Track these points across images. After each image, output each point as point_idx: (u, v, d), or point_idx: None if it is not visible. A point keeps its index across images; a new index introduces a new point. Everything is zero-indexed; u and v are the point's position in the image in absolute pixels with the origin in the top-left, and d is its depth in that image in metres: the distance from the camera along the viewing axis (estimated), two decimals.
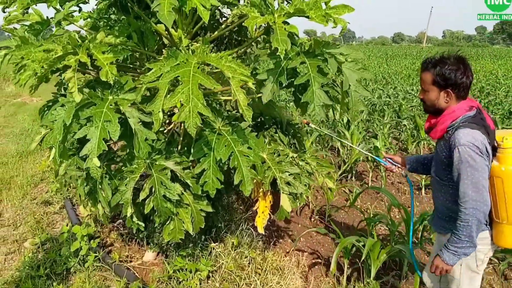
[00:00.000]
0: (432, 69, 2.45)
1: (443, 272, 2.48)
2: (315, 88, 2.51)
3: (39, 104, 13.13)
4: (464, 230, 2.33)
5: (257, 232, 4.29)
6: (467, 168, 2.31)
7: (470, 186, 2.31)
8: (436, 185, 2.67)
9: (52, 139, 2.44)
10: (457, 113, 2.44)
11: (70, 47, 2.53)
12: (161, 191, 2.70)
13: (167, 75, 2.25)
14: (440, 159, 2.54)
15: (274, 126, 3.61)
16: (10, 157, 7.71)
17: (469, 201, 2.30)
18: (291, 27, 2.48)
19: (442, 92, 2.45)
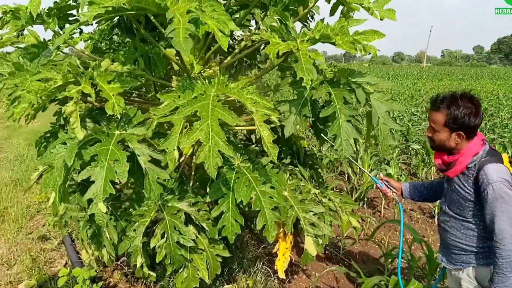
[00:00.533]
0: (444, 110, 2.40)
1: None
2: (341, 121, 2.28)
3: (35, 127, 12.81)
4: (507, 266, 2.28)
5: (272, 269, 4.02)
6: (502, 204, 2.28)
7: (507, 222, 2.28)
8: (452, 223, 2.60)
9: (52, 182, 2.15)
10: (475, 150, 2.43)
11: (71, 76, 2.27)
12: (175, 237, 2.41)
13: (184, 110, 1.98)
14: (461, 196, 2.48)
15: (291, 157, 3.35)
16: (4, 185, 7.35)
17: (508, 237, 2.27)
18: (317, 55, 2.22)
19: (453, 134, 2.42)
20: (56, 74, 2.31)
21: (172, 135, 2.03)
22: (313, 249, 2.64)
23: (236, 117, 1.95)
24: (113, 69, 2.34)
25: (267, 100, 2.10)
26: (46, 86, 2.21)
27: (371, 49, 2.21)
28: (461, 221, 2.53)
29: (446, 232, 2.65)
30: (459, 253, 2.58)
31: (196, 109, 1.98)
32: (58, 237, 5.31)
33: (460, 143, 2.44)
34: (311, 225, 2.64)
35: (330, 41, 2.27)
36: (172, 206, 2.49)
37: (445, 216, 2.64)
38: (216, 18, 2.03)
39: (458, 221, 2.55)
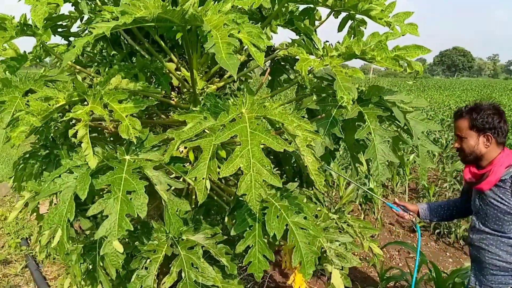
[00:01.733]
0: (467, 115, 2.46)
1: None
2: (377, 142, 2.07)
3: None
4: None
5: None
6: None
7: None
8: (490, 240, 2.50)
9: (57, 217, 1.83)
10: (508, 161, 2.41)
11: (76, 94, 1.97)
12: (192, 276, 2.13)
13: (221, 134, 1.73)
14: (500, 210, 2.42)
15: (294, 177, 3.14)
16: None
17: None
18: (355, 72, 2.02)
19: (481, 137, 2.43)
20: (58, 92, 2.00)
21: (201, 162, 1.78)
22: (341, 283, 2.41)
23: (283, 141, 1.72)
24: (124, 86, 2.05)
25: (306, 121, 1.88)
26: (47, 106, 1.90)
27: (417, 66, 2.03)
28: (500, 237, 2.46)
29: (483, 250, 2.54)
30: (497, 273, 2.49)
31: (235, 133, 1.73)
32: (21, 261, 4.87)
33: (490, 150, 2.43)
34: (337, 256, 2.43)
35: (366, 56, 2.08)
36: (187, 239, 2.21)
37: (480, 234, 2.55)
38: (248, 31, 1.80)
39: (497, 238, 2.47)
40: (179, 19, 1.81)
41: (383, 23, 2.33)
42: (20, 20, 2.15)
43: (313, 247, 2.06)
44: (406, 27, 2.30)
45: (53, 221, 1.85)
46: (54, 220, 1.85)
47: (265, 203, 2.13)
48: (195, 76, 2.52)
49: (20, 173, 2.86)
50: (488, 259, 2.51)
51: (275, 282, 4.45)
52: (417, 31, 2.33)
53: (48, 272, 4.66)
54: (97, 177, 1.88)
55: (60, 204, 1.86)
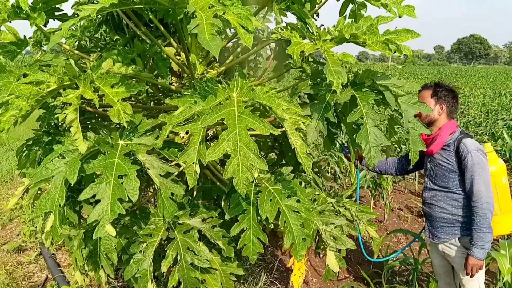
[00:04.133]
0: (432, 87, 2.99)
1: (478, 269, 2.74)
2: (369, 126, 2.04)
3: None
4: (484, 222, 2.69)
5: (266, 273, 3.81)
6: (479, 169, 2.72)
7: (482, 184, 2.71)
8: (439, 197, 2.98)
9: (50, 203, 1.86)
10: (451, 129, 2.90)
11: (67, 78, 1.98)
12: (188, 259, 2.15)
13: (208, 117, 1.73)
14: (445, 169, 2.90)
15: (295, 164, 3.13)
16: None
17: (483, 197, 2.69)
18: (346, 56, 1.99)
19: (437, 105, 2.92)
20: (49, 76, 2.01)
21: (190, 146, 1.78)
22: (335, 265, 2.42)
23: (270, 125, 1.71)
24: (116, 71, 2.05)
25: (296, 105, 1.87)
26: (38, 90, 1.92)
27: (406, 50, 2.00)
28: (447, 192, 2.93)
29: (433, 206, 3.02)
30: (445, 225, 2.96)
31: (222, 116, 1.73)
32: (36, 249, 4.95)
33: (441, 118, 2.92)
34: (333, 239, 2.43)
35: (358, 40, 2.06)
36: (184, 223, 2.23)
37: (431, 192, 3.03)
38: (237, 13, 1.78)
39: (444, 193, 2.95)
40: (167, 1, 1.81)
41: (379, 5, 2.31)
42: (14, 3, 2.14)
43: (305, 229, 2.05)
44: (403, 9, 2.27)
45: (46, 207, 1.87)
46: (47, 206, 1.87)
47: (259, 187, 2.13)
48: (194, 61, 2.53)
49: (24, 160, 2.89)
50: (438, 213, 2.98)
51: (285, 266, 4.46)
52: (414, 13, 2.30)
53: (62, 259, 4.73)
54: (89, 162, 1.89)
55: (52, 189, 1.88)
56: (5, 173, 7.86)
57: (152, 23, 2.80)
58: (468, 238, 2.84)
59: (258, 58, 3.83)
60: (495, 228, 2.78)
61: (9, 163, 8.42)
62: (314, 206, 2.48)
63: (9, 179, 7.63)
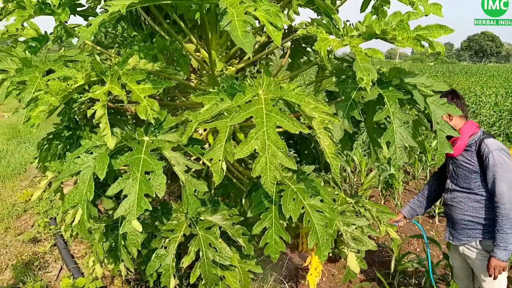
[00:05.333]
0: None
1: (501, 271, 2.73)
2: (395, 126, 2.03)
3: (12, 121, 12.30)
4: (506, 223, 2.66)
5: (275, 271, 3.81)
6: (500, 169, 2.70)
7: (505, 185, 2.69)
8: (460, 198, 2.96)
9: (78, 197, 1.87)
10: (471, 131, 2.89)
11: (94, 74, 1.99)
12: (210, 255, 2.16)
13: (237, 115, 1.73)
14: (467, 170, 2.88)
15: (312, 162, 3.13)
16: None
17: (506, 198, 2.67)
18: (375, 52, 1.98)
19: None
20: (76, 72, 2.02)
21: (217, 143, 1.78)
22: (356, 266, 2.42)
23: (299, 123, 1.71)
24: (142, 67, 2.06)
25: (323, 103, 1.86)
26: (66, 86, 1.93)
27: (439, 47, 1.98)
28: (468, 194, 2.91)
29: (454, 208, 2.99)
30: (466, 227, 2.94)
31: (251, 114, 1.73)
32: (50, 240, 4.99)
33: (455, 122, 2.89)
34: (354, 240, 2.42)
35: (387, 37, 2.04)
36: (205, 220, 2.24)
37: (453, 193, 3.01)
38: (265, 9, 1.78)
39: (465, 195, 2.93)
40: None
41: (406, 2, 2.29)
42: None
43: (329, 229, 2.05)
44: (430, 7, 2.23)
45: (74, 201, 1.88)
46: (75, 200, 1.89)
47: (282, 185, 2.13)
48: (214, 58, 2.53)
49: (45, 154, 2.91)
50: (458, 215, 2.96)
51: (294, 264, 4.47)
52: (441, 11, 2.26)
53: (75, 251, 4.76)
54: (116, 158, 1.91)
55: (80, 184, 1.89)
56: (18, 165, 7.92)
57: (168, 19, 2.80)
58: (489, 241, 2.81)
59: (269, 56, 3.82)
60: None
61: (21, 156, 8.48)
62: (335, 206, 2.48)
63: (22, 171, 7.70)
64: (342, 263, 4.57)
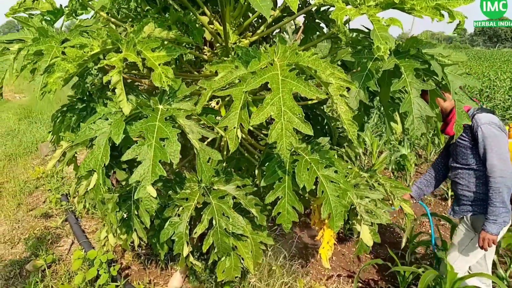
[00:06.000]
0: None
1: (491, 244, 2.76)
2: (413, 96, 2.00)
3: (22, 102, 12.40)
4: (497, 197, 2.70)
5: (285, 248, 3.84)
6: (491, 142, 2.73)
7: (496, 157, 2.71)
8: (461, 174, 3.00)
9: (93, 162, 1.88)
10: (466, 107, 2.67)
11: (110, 42, 1.99)
12: (223, 224, 2.17)
13: (252, 81, 1.72)
14: (463, 146, 2.92)
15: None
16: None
17: (497, 171, 2.70)
18: (393, 21, 1.96)
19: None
20: (92, 40, 2.02)
21: (232, 111, 1.78)
22: (369, 239, 2.42)
23: (316, 88, 1.70)
24: (157, 35, 2.06)
25: (340, 70, 1.85)
26: (82, 53, 1.94)
27: (459, 16, 1.94)
28: (467, 170, 2.95)
29: (457, 184, 3.05)
30: (466, 202, 3.00)
31: (266, 80, 1.72)
32: (62, 215, 5.04)
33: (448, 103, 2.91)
34: (367, 213, 2.42)
35: (404, 6, 2.01)
36: (219, 189, 2.25)
37: (455, 170, 3.07)
38: None
39: (464, 171, 2.97)
40: None
41: None
42: None
43: (342, 200, 2.05)
44: None
45: (89, 166, 1.90)
46: (90, 165, 1.90)
47: (296, 156, 2.13)
48: (227, 30, 2.51)
49: (58, 126, 2.93)
50: (460, 190, 3.02)
51: (304, 243, 4.48)
52: None
53: (86, 226, 4.81)
54: (131, 124, 1.91)
55: (95, 149, 1.90)
56: (30, 144, 7.99)
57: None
58: (479, 216, 2.90)
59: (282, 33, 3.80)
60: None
61: (33, 135, 8.54)
62: (348, 179, 2.47)
63: (34, 149, 7.76)
64: (353, 242, 4.58)
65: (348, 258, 4.33)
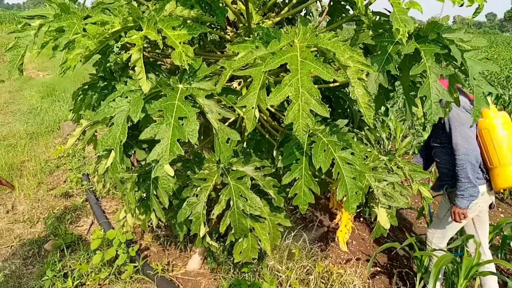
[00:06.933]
0: None
1: (461, 217, 2.96)
2: (431, 80, 1.98)
3: (46, 80, 12.52)
4: (462, 173, 2.89)
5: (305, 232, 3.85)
6: (454, 123, 2.90)
7: (459, 136, 2.88)
8: (438, 152, 3.19)
9: (111, 139, 1.90)
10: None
11: (131, 20, 1.99)
12: (240, 205, 2.18)
13: (271, 61, 1.72)
14: (437, 126, 3.12)
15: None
16: (19, 138, 7.12)
17: (461, 149, 2.87)
18: (413, 4, 1.94)
19: None
20: (114, 17, 2.03)
21: (251, 91, 1.77)
22: (386, 221, 2.41)
23: (333, 71, 1.69)
24: (178, 13, 2.06)
25: (359, 53, 1.83)
26: (103, 30, 1.94)
27: (478, 0, 1.92)
28: (442, 148, 3.13)
29: (436, 162, 3.26)
30: (442, 177, 3.22)
31: (286, 61, 1.71)
32: (82, 195, 5.11)
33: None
34: (384, 196, 2.41)
35: None
36: (237, 170, 2.26)
37: (433, 148, 3.25)
38: None
39: (440, 149, 3.15)
40: None
41: None
42: None
43: (358, 182, 2.05)
44: None
45: (107, 143, 1.91)
46: (108, 142, 1.91)
47: (313, 137, 2.13)
48: (250, 10, 2.50)
49: (79, 104, 2.95)
50: (438, 168, 3.25)
51: (324, 226, 4.49)
52: None
53: (107, 207, 4.87)
54: (150, 102, 1.92)
55: (113, 127, 1.92)
56: (52, 123, 8.06)
57: None
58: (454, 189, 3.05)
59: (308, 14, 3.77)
60: (495, 180, 2.99)
61: (55, 114, 8.62)
62: (366, 162, 2.46)
63: (56, 128, 7.83)
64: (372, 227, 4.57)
65: (368, 242, 4.33)
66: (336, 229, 4.37)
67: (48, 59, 2.51)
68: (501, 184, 2.98)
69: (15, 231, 4.33)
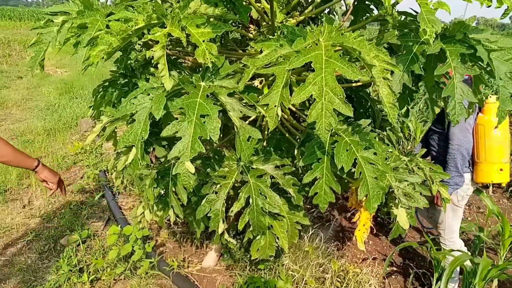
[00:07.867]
0: None
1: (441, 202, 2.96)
2: (456, 81, 1.96)
3: (64, 77, 12.62)
4: (451, 162, 3.07)
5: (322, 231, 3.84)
6: None
7: (457, 127, 3.02)
8: (434, 136, 3.32)
9: (133, 136, 1.91)
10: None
11: (155, 17, 2.00)
12: (259, 203, 2.17)
13: (295, 60, 1.71)
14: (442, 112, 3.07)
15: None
16: (36, 134, 7.20)
17: (455, 139, 3.04)
18: (441, 4, 1.91)
19: None
20: (137, 14, 2.04)
21: (274, 89, 1.77)
22: (406, 222, 2.39)
23: (359, 70, 1.68)
24: (203, 11, 2.07)
25: (385, 53, 1.82)
26: (127, 27, 1.95)
27: (507, 1, 1.89)
28: (439, 134, 3.26)
29: (431, 147, 3.38)
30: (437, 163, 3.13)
31: (310, 59, 1.71)
32: (99, 191, 5.14)
33: None
34: (405, 196, 2.39)
35: None
36: (257, 168, 2.25)
37: (433, 133, 3.36)
38: None
39: (437, 135, 3.28)
40: None
41: None
42: None
43: (380, 182, 2.03)
44: None
45: (128, 140, 1.92)
46: (129, 139, 1.92)
47: (335, 137, 2.12)
48: (274, 8, 2.49)
49: (100, 101, 2.97)
50: (432, 153, 3.40)
51: (341, 226, 4.48)
52: None
53: (123, 203, 4.90)
54: (172, 100, 1.92)
55: (135, 123, 1.92)
56: (69, 119, 8.13)
57: None
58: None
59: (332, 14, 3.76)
60: (477, 174, 3.16)
61: (73, 110, 8.70)
62: (388, 162, 2.45)
63: (73, 125, 7.90)
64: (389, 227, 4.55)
65: (384, 242, 4.32)
66: (352, 228, 4.37)
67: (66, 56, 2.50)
68: (481, 178, 3.16)
69: (31, 225, 4.37)
